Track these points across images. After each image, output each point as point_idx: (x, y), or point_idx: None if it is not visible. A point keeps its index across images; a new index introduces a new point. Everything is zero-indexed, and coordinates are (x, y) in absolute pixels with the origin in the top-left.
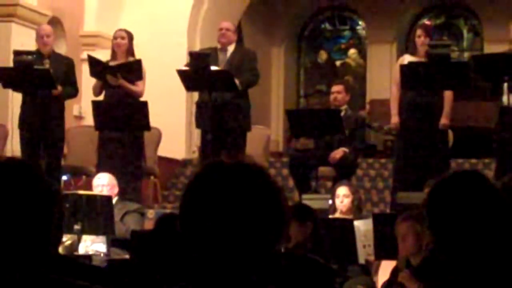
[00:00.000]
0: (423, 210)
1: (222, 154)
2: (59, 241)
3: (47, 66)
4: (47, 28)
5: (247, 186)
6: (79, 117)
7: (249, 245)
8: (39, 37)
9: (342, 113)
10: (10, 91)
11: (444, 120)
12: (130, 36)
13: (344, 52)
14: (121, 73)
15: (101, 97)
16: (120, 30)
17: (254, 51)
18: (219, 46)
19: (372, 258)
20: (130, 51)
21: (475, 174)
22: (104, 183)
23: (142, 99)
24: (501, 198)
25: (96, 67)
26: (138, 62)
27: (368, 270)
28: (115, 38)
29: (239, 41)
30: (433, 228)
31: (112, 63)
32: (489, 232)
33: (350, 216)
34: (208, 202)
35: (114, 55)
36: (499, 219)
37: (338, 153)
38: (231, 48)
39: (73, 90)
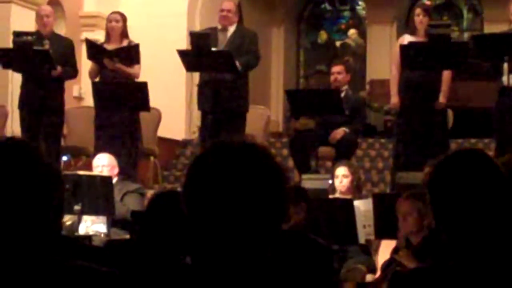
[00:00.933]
0: (425, 188)
1: (222, 135)
2: (59, 222)
3: (46, 46)
4: (47, 9)
5: (250, 165)
6: (79, 98)
7: (252, 224)
8: (39, 18)
9: (343, 94)
10: (10, 72)
11: (441, 99)
12: (124, 19)
13: (344, 32)
14: (119, 57)
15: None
16: (114, 13)
17: (255, 32)
18: (219, 26)
19: (372, 237)
20: (124, 33)
21: (478, 153)
22: (104, 164)
23: (142, 79)
24: (504, 177)
25: (94, 50)
26: (136, 47)
27: (368, 250)
28: (109, 21)
29: (240, 21)
30: (435, 206)
31: (107, 46)
32: (491, 211)
33: (349, 196)
34: (211, 182)
35: (108, 38)
36: (501, 198)
37: (338, 133)
38: (231, 29)
39: (72, 71)
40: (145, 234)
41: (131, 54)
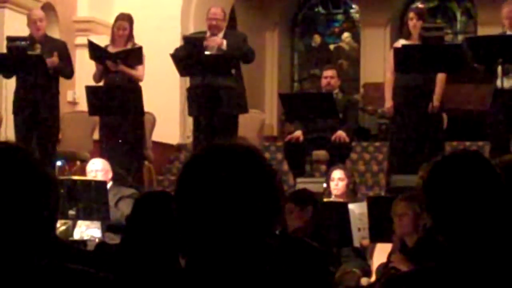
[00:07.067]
0: (421, 189)
1: (216, 139)
2: (54, 227)
3: (37, 51)
4: (39, 13)
5: (242, 167)
6: (73, 103)
7: (246, 226)
8: (32, 22)
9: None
10: None
11: (435, 102)
12: (131, 23)
13: (337, 35)
14: (121, 59)
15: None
16: (123, 20)
17: (244, 34)
18: (208, 33)
19: (366, 241)
20: (130, 37)
21: (474, 154)
22: (97, 168)
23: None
24: (500, 178)
25: (97, 52)
26: (139, 49)
27: (362, 253)
28: (117, 28)
29: (231, 26)
30: (431, 208)
31: (111, 48)
32: (488, 211)
33: (344, 200)
34: (203, 185)
35: (113, 41)
36: (498, 199)
37: (343, 134)
38: (220, 35)
39: (69, 69)
40: (131, 236)
41: (134, 56)
